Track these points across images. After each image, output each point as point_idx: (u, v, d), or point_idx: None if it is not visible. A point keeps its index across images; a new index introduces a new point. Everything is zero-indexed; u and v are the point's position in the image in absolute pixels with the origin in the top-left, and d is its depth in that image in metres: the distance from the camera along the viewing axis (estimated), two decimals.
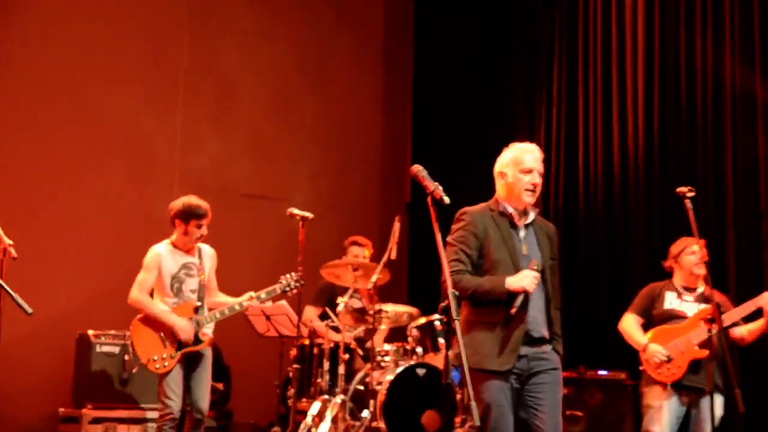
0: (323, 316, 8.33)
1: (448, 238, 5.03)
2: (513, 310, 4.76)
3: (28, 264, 6.06)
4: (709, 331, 5.99)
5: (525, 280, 4.80)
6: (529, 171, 5.09)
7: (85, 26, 9.55)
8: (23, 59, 9.21)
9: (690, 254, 6.38)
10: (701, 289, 6.42)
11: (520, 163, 5.15)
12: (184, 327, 6.65)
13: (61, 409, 8.36)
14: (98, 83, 9.55)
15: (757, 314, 6.30)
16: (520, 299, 4.75)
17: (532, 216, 5.09)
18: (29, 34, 9.26)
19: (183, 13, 10.18)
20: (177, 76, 10.10)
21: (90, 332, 8.42)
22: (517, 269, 4.88)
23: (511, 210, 5.06)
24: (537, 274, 4.83)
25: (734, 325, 6.17)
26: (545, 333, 4.98)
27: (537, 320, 4.95)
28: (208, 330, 6.80)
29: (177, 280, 6.82)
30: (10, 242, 6.04)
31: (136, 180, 9.66)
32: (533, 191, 5.05)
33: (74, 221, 9.04)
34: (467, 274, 4.89)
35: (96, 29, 9.61)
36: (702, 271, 6.30)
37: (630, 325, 6.34)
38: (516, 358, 4.82)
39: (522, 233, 5.04)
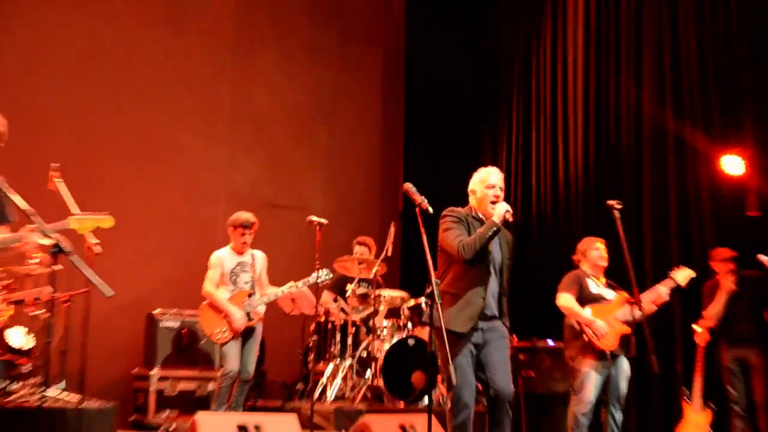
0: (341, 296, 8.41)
1: (445, 224, 5.17)
2: None
3: (110, 258, 6.13)
4: (631, 310, 6.11)
5: (502, 208, 5.04)
6: (492, 186, 5.26)
7: (153, 78, 9.56)
8: (109, 106, 9.22)
9: (595, 250, 6.47)
10: (603, 278, 6.48)
11: (485, 181, 5.30)
12: (237, 318, 6.79)
13: (135, 370, 8.45)
14: (163, 121, 9.60)
15: None
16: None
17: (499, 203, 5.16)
18: (114, 88, 9.31)
19: (226, 66, 10.21)
20: (222, 114, 10.13)
21: (156, 311, 8.49)
22: (485, 260, 5.05)
23: (481, 216, 5.22)
24: (508, 207, 5.05)
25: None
26: (496, 312, 5.13)
27: (491, 303, 5.09)
28: (260, 309, 6.93)
29: (234, 274, 6.98)
30: (96, 241, 6.17)
31: (191, 194, 9.68)
32: (496, 200, 5.19)
33: (145, 227, 9.03)
34: (467, 238, 5.02)
35: (161, 79, 9.62)
36: (604, 263, 6.43)
37: (572, 303, 6.27)
38: (474, 326, 4.97)
39: None
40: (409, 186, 4.98)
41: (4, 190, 4.34)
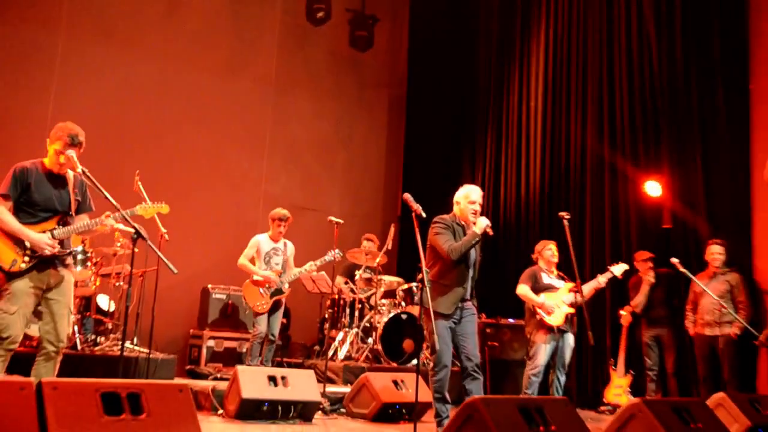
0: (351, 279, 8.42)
1: (436, 229, 5.14)
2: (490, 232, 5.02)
3: (175, 244, 6.14)
4: (575, 296, 6.14)
5: (483, 222, 5.04)
6: (474, 202, 5.22)
7: (212, 109, 9.66)
8: (179, 130, 9.34)
9: (548, 250, 6.43)
10: (555, 271, 6.47)
11: (468, 197, 5.26)
12: (274, 279, 6.77)
13: (191, 330, 8.48)
14: (218, 141, 9.66)
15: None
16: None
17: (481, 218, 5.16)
18: (183, 116, 9.41)
19: (269, 101, 10.23)
20: (264, 137, 10.14)
21: (209, 286, 8.49)
22: (467, 256, 5.06)
23: (463, 223, 5.20)
24: (488, 222, 5.05)
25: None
26: (468, 296, 5.13)
27: (467, 290, 5.10)
28: (286, 286, 6.89)
29: (268, 256, 6.93)
30: (165, 230, 6.16)
31: (237, 198, 9.69)
32: (476, 213, 5.19)
33: (201, 222, 9.04)
34: (455, 244, 5.01)
35: (219, 110, 9.72)
36: (555, 260, 6.42)
37: (527, 291, 6.25)
38: (456, 308, 4.99)
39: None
40: (407, 196, 4.97)
41: (93, 182, 4.32)
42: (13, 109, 8.24)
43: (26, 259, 4.20)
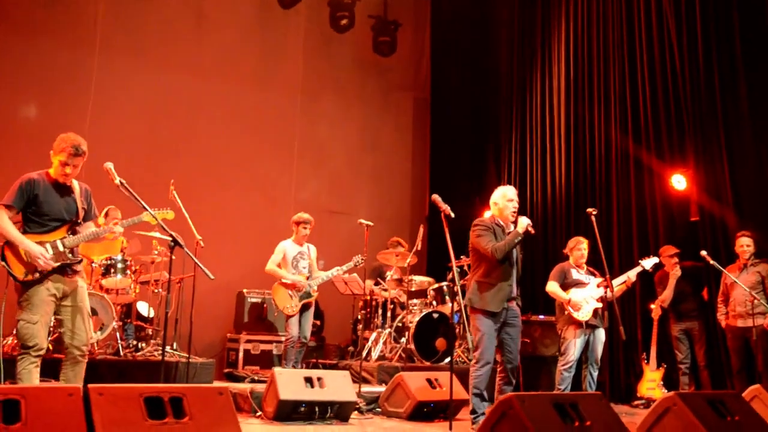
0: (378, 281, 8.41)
1: (477, 232, 5.17)
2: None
3: (211, 250, 6.20)
4: (604, 291, 6.07)
5: (524, 221, 5.08)
6: (512, 200, 5.24)
7: (244, 118, 9.77)
8: (212, 139, 9.43)
9: (578, 249, 6.39)
10: (584, 267, 6.42)
11: (506, 196, 5.28)
12: (300, 279, 6.78)
13: (228, 334, 8.55)
14: (251, 148, 9.77)
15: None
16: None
17: (512, 227, 5.18)
18: (216, 126, 9.53)
19: (297, 108, 10.29)
20: (293, 143, 10.19)
21: (244, 290, 8.59)
22: (509, 255, 5.08)
23: (502, 223, 5.20)
24: (529, 221, 5.08)
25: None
26: (515, 293, 5.13)
27: (513, 286, 5.10)
28: (315, 288, 6.90)
29: (295, 260, 6.93)
30: (200, 237, 6.23)
31: (270, 203, 9.72)
32: (515, 212, 5.20)
33: (235, 228, 9.13)
34: (498, 243, 5.04)
35: (250, 118, 9.84)
36: (583, 259, 6.38)
37: (556, 288, 6.23)
38: (503, 308, 4.99)
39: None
40: (436, 197, 4.98)
41: (131, 193, 4.38)
42: (51, 126, 8.29)
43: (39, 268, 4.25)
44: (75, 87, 8.69)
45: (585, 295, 6.15)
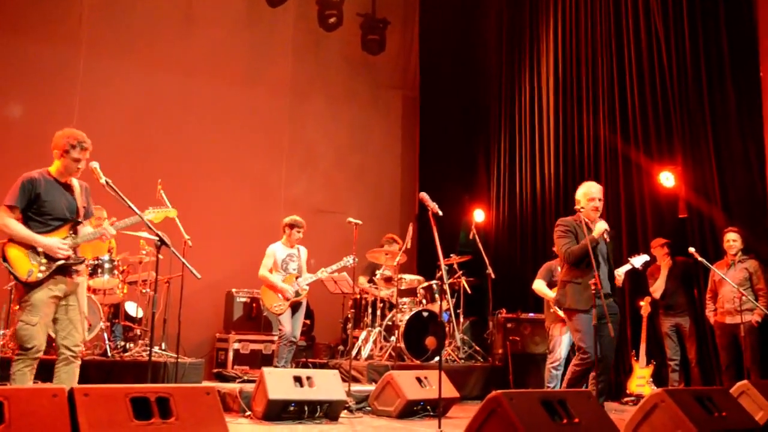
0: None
1: (557, 233, 5.15)
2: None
3: (200, 250, 6.15)
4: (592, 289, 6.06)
5: (601, 227, 5.00)
6: (593, 198, 5.16)
7: (231, 116, 9.74)
8: (199, 138, 9.42)
9: None
10: None
11: (588, 194, 5.21)
12: (290, 292, 6.76)
13: (217, 334, 8.52)
14: (239, 147, 9.72)
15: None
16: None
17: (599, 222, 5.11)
18: (204, 124, 9.49)
19: (285, 107, 10.26)
20: (282, 142, 10.16)
21: (233, 290, 8.56)
22: (596, 252, 4.96)
23: (587, 221, 5.10)
24: (606, 226, 5.00)
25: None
26: (609, 291, 5.06)
27: (605, 285, 4.99)
28: (306, 288, 6.88)
29: (284, 263, 6.92)
30: (188, 237, 6.17)
31: (258, 202, 9.70)
32: (598, 209, 5.13)
33: (224, 227, 9.07)
34: (573, 247, 5.00)
35: (237, 117, 9.79)
36: None
37: (541, 286, 6.24)
38: (593, 304, 4.79)
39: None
40: (423, 195, 4.95)
41: (117, 193, 4.34)
42: (37, 125, 8.31)
43: (42, 268, 4.19)
44: (61, 86, 8.63)
45: None
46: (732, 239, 6.60)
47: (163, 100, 9.24)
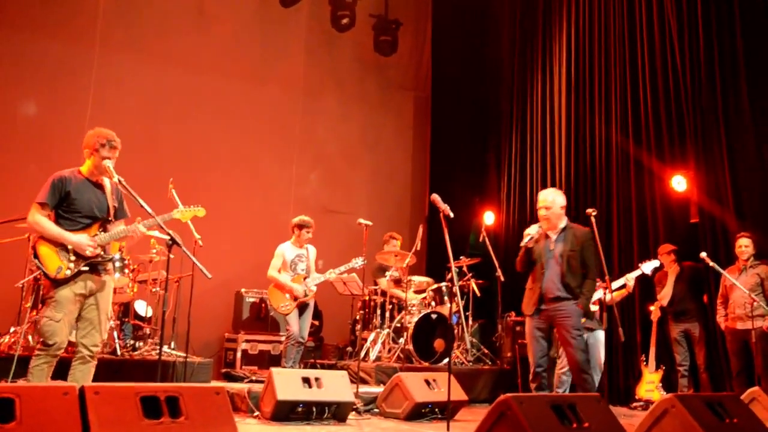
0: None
1: None
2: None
3: (210, 249, 6.15)
4: (603, 293, 6.05)
5: (525, 232, 5.32)
6: (539, 208, 5.46)
7: (243, 116, 9.79)
8: (211, 137, 9.43)
9: None
10: None
11: (537, 202, 5.51)
12: (299, 291, 6.78)
13: (226, 334, 8.54)
14: (250, 147, 9.80)
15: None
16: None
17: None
18: (215, 124, 9.53)
19: (297, 106, 10.31)
20: (293, 142, 10.22)
21: (242, 290, 8.59)
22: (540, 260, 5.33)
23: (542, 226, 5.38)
24: (532, 231, 5.23)
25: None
26: (559, 294, 5.20)
27: (550, 288, 5.23)
28: (313, 288, 6.89)
29: (293, 263, 6.94)
30: (199, 236, 6.17)
31: (269, 202, 9.73)
32: (541, 217, 5.40)
33: (234, 227, 9.11)
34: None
35: (249, 116, 9.86)
36: None
37: None
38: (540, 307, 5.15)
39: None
40: (435, 196, 4.96)
41: (129, 191, 4.37)
42: (51, 121, 8.39)
43: (71, 265, 4.24)
44: (75, 83, 8.69)
45: None
46: (744, 244, 6.55)
47: (175, 97, 9.29)
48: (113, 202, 4.50)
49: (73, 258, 4.26)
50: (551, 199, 5.39)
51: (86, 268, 4.30)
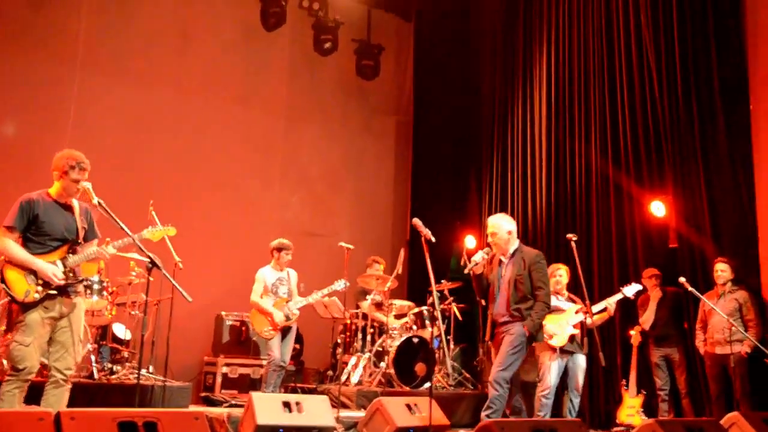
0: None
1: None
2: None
3: (190, 271, 6.10)
4: (584, 317, 6.09)
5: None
6: (487, 234, 5.51)
7: (225, 138, 9.75)
8: (192, 160, 9.40)
9: (554, 276, 6.42)
10: (565, 293, 6.43)
11: None
12: (278, 317, 6.73)
13: (206, 357, 8.44)
14: (231, 170, 9.72)
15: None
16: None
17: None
18: (196, 146, 9.50)
19: (279, 130, 10.30)
20: (275, 165, 10.19)
21: (222, 313, 8.49)
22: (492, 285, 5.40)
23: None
24: (477, 258, 5.24)
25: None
26: (507, 318, 5.26)
27: (500, 312, 5.31)
28: (296, 312, 6.84)
29: (274, 287, 6.90)
30: (179, 259, 6.12)
31: (251, 225, 9.65)
32: (490, 243, 5.47)
33: (215, 249, 9.05)
34: None
35: (231, 139, 9.80)
36: (560, 286, 6.43)
37: None
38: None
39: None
40: (416, 221, 4.98)
41: (109, 214, 4.33)
42: (30, 142, 8.29)
43: (39, 288, 4.20)
44: (55, 104, 8.61)
45: (561, 321, 6.15)
46: (721, 269, 6.63)
47: (158, 120, 9.23)
48: (83, 223, 4.48)
49: (41, 282, 4.22)
50: (496, 225, 5.46)
51: (54, 292, 4.25)
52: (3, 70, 8.34)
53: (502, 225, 5.45)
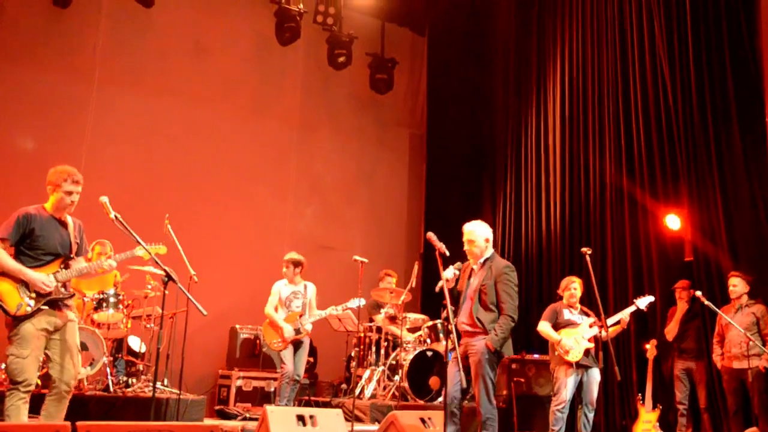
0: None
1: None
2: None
3: (204, 284, 6.15)
4: (598, 331, 6.05)
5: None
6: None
7: (239, 149, 9.78)
8: (207, 171, 9.46)
9: (570, 289, 6.36)
10: (578, 306, 6.41)
11: None
12: (287, 331, 6.73)
13: (220, 370, 8.43)
14: (245, 181, 9.76)
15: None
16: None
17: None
18: (211, 157, 9.56)
19: (293, 141, 10.34)
20: (289, 177, 10.22)
21: (237, 326, 8.50)
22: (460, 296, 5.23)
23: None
24: (449, 273, 4.98)
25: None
26: (469, 329, 5.10)
27: (462, 322, 5.14)
28: (308, 327, 6.83)
29: (288, 300, 6.89)
30: (194, 272, 6.17)
31: (265, 237, 9.70)
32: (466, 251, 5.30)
33: (229, 262, 9.09)
34: None
35: (245, 150, 9.83)
36: (574, 299, 6.34)
37: (546, 328, 6.19)
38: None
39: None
40: (431, 235, 4.97)
41: (125, 227, 4.38)
42: (48, 158, 8.32)
43: (31, 302, 4.24)
44: (72, 118, 8.70)
45: (576, 335, 6.12)
46: (733, 284, 6.58)
47: (172, 131, 9.31)
48: (75, 239, 4.53)
49: (33, 294, 4.27)
50: (472, 231, 5.28)
51: (45, 307, 4.29)
52: (21, 84, 8.45)
53: (479, 231, 5.29)
